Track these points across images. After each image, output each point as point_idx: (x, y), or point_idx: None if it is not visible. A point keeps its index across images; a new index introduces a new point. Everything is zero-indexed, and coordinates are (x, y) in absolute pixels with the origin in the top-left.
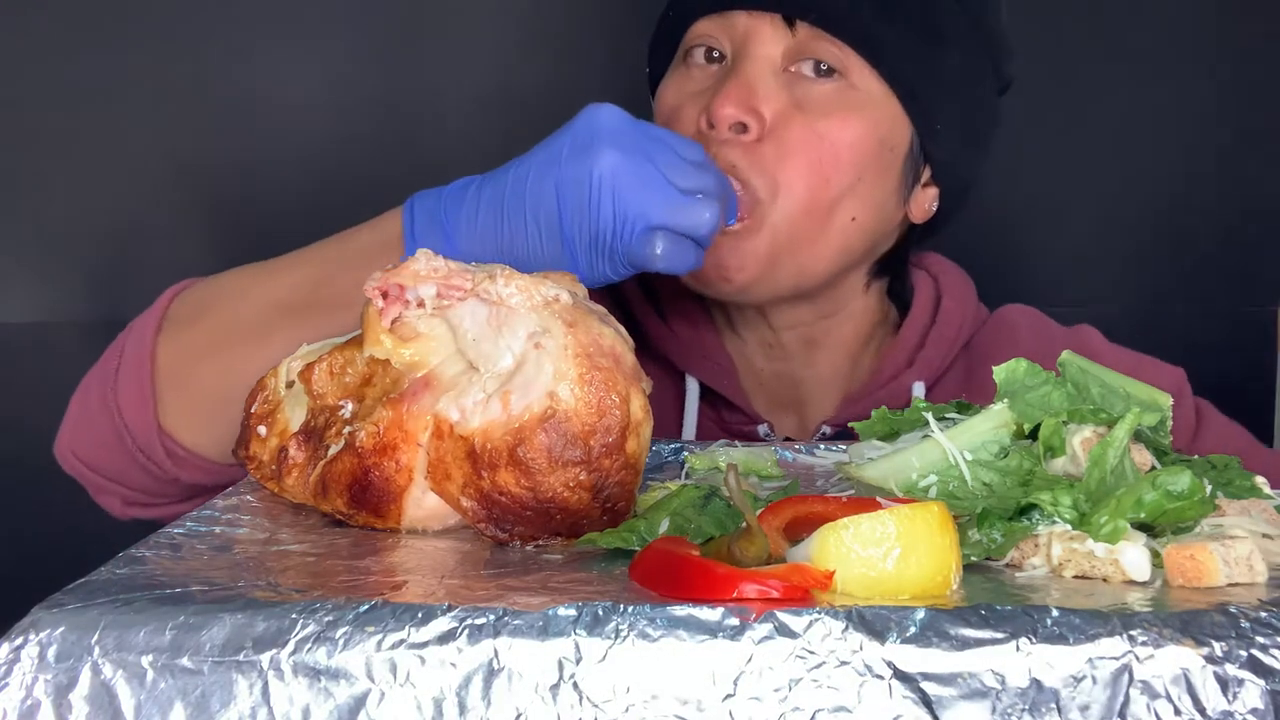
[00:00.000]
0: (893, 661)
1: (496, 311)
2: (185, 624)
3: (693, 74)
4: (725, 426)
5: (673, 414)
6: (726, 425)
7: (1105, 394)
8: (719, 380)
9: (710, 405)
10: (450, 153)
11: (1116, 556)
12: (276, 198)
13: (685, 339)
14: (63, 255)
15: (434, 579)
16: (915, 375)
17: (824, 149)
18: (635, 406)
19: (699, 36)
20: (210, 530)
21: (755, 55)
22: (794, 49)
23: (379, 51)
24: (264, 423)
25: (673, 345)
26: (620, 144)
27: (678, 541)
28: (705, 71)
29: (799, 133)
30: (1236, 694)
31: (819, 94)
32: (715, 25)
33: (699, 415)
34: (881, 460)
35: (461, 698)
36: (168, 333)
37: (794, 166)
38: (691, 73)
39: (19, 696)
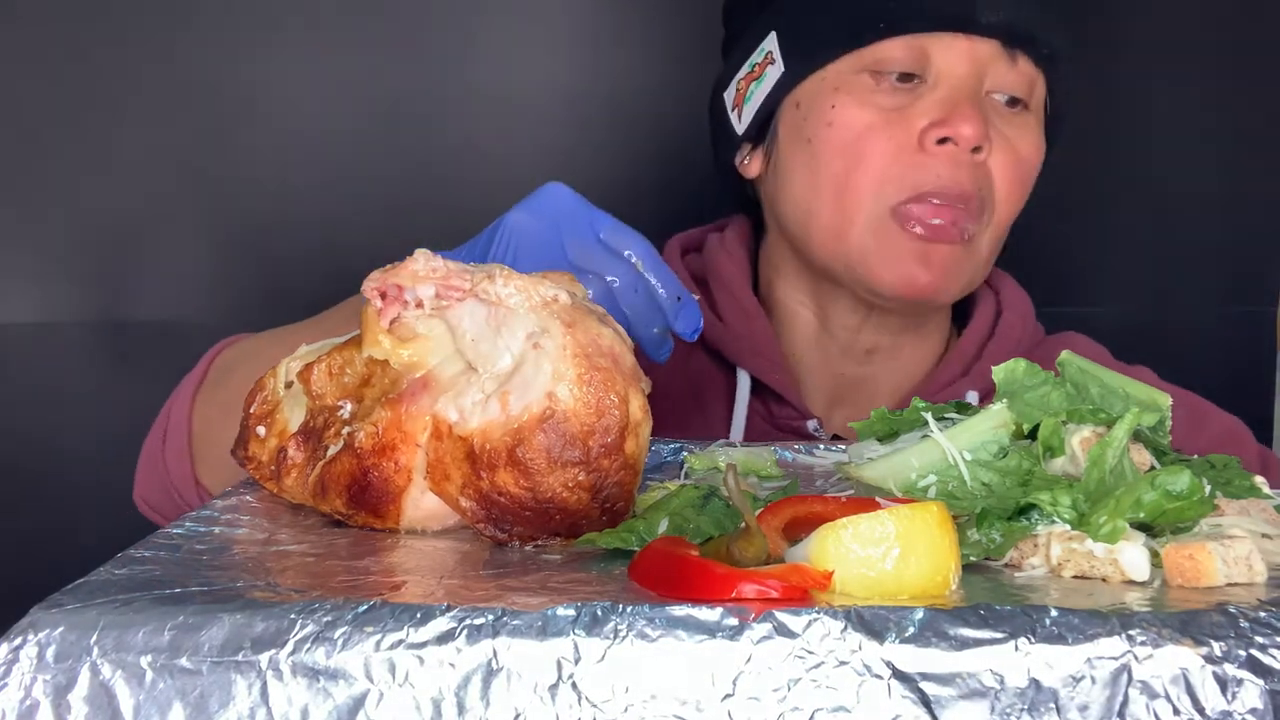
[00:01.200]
0: (892, 661)
1: (495, 312)
2: (184, 624)
3: (883, 89)
4: (774, 421)
5: (721, 407)
6: (775, 420)
7: (1104, 394)
8: (772, 374)
9: (760, 399)
10: (454, 154)
11: (1115, 556)
12: (277, 198)
13: (739, 332)
14: (63, 255)
15: (433, 579)
16: (970, 384)
17: (1026, 174)
18: (634, 407)
19: (901, 57)
20: (209, 530)
21: (975, 78)
22: (1002, 77)
23: (382, 51)
24: (263, 423)
25: (726, 338)
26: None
27: (677, 541)
28: (897, 88)
29: (1010, 158)
30: (1235, 694)
31: (1011, 118)
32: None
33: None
34: (881, 460)
35: (460, 698)
36: (203, 392)
37: (1008, 187)
38: (882, 88)
39: (18, 697)
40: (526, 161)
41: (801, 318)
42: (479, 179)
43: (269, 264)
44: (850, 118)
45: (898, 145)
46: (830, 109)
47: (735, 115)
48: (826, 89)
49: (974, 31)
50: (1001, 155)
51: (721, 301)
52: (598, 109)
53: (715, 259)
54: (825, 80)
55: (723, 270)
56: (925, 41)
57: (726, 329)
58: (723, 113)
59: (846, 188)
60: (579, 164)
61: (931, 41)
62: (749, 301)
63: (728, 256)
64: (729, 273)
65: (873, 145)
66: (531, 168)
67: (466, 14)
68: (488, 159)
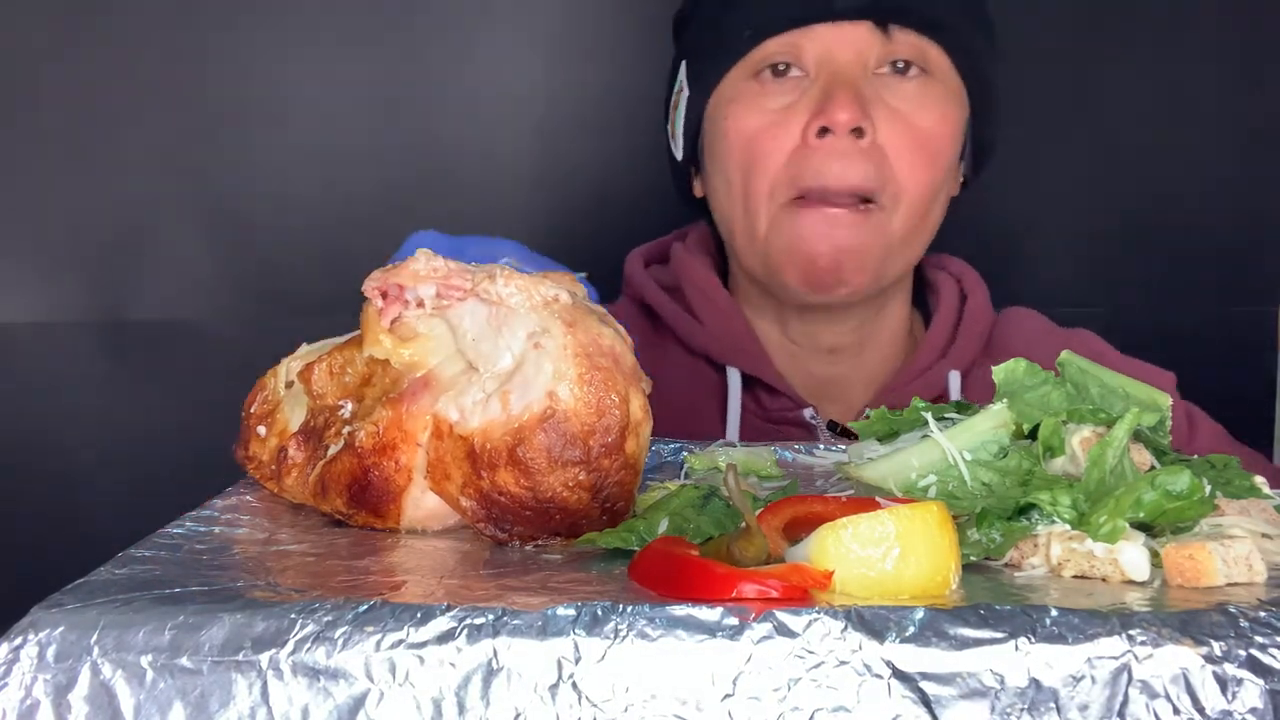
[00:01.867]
0: (892, 661)
1: (496, 311)
2: (184, 624)
3: (768, 91)
4: (768, 415)
5: (713, 407)
6: (769, 413)
7: (1104, 394)
8: (761, 368)
9: (750, 395)
10: (453, 154)
11: (1115, 556)
12: (277, 198)
13: (720, 332)
14: (63, 255)
15: (433, 579)
16: (950, 365)
17: (931, 144)
18: (635, 406)
19: (774, 53)
20: (210, 530)
21: (853, 62)
22: (883, 52)
23: (383, 52)
24: (263, 423)
25: (709, 341)
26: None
27: (677, 541)
28: (781, 87)
29: (905, 133)
30: (1235, 693)
31: (908, 91)
32: (793, 40)
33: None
34: (881, 460)
35: (460, 697)
36: None
37: (909, 166)
38: (766, 90)
39: (18, 696)
40: (526, 162)
41: (765, 329)
42: (479, 179)
43: (269, 264)
44: (741, 124)
45: (784, 143)
46: (725, 120)
47: (674, 144)
48: (722, 103)
49: (836, 19)
50: (892, 130)
51: (697, 305)
52: (598, 109)
53: (684, 265)
54: (721, 96)
55: (694, 275)
56: (795, 38)
57: (707, 330)
58: (668, 143)
59: (748, 194)
60: (579, 164)
61: (801, 36)
62: (725, 301)
63: (695, 260)
64: (700, 276)
65: (763, 147)
66: (531, 168)
67: (466, 15)
68: (487, 159)
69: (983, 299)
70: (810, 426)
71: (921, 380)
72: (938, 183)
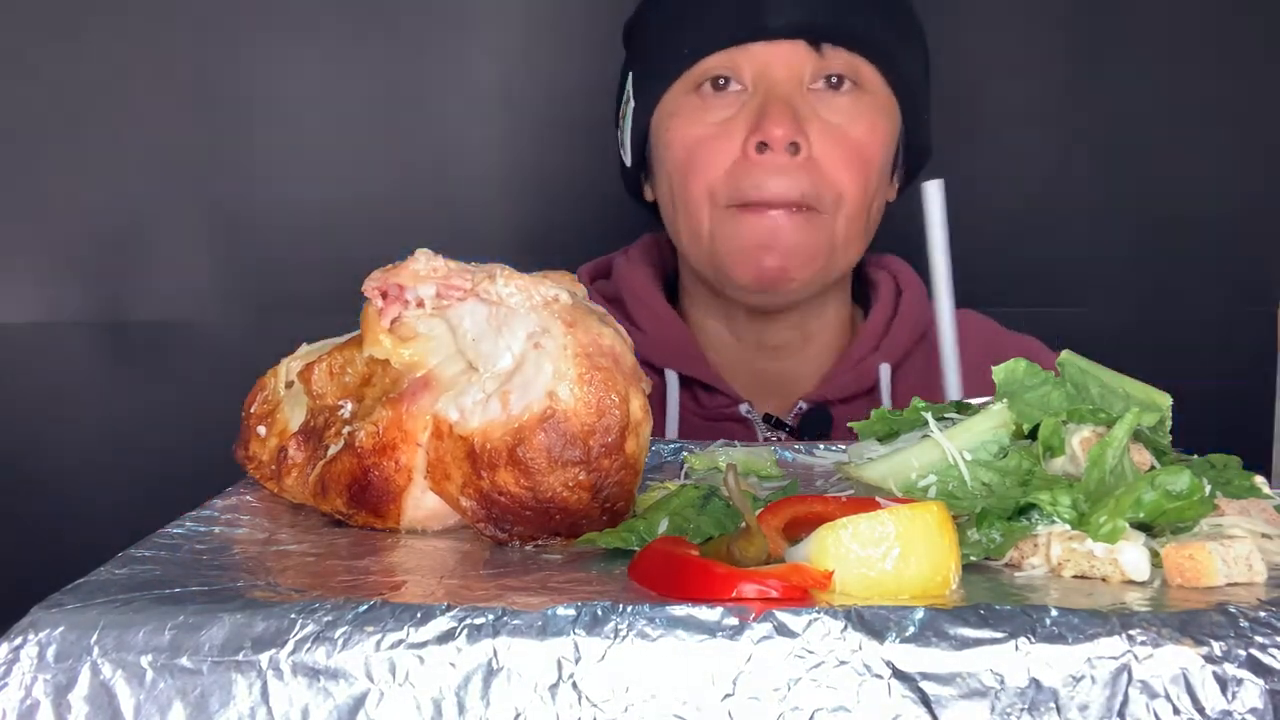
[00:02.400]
0: (892, 661)
1: (496, 311)
2: (184, 624)
3: (709, 105)
4: (706, 413)
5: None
6: (707, 411)
7: (1104, 394)
8: (697, 369)
9: (689, 394)
10: (454, 154)
11: (1115, 556)
12: (277, 198)
13: (658, 338)
14: (63, 255)
15: (433, 579)
16: (882, 357)
17: (863, 154)
18: (635, 406)
19: (714, 69)
20: (210, 530)
21: (788, 79)
22: (817, 68)
23: (382, 51)
24: (263, 423)
25: (648, 346)
26: None
27: (677, 541)
28: (722, 101)
29: (839, 144)
30: (1235, 693)
31: (841, 105)
32: (731, 57)
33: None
34: (881, 460)
35: (460, 697)
36: None
37: (844, 176)
38: (707, 104)
39: (18, 696)
40: (526, 162)
41: (712, 328)
42: (479, 179)
43: (269, 264)
44: (682, 135)
45: (723, 155)
46: (668, 131)
47: (623, 150)
48: (665, 115)
49: (770, 36)
50: (826, 142)
51: (636, 313)
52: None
53: (624, 276)
54: (664, 108)
55: (633, 285)
56: (733, 55)
57: (646, 336)
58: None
59: (688, 199)
60: (579, 164)
61: (738, 54)
62: (661, 308)
63: (635, 271)
64: (638, 285)
65: (702, 158)
66: (531, 168)
67: (466, 15)
68: (487, 159)
69: (916, 296)
70: (747, 421)
71: (855, 371)
72: (871, 190)
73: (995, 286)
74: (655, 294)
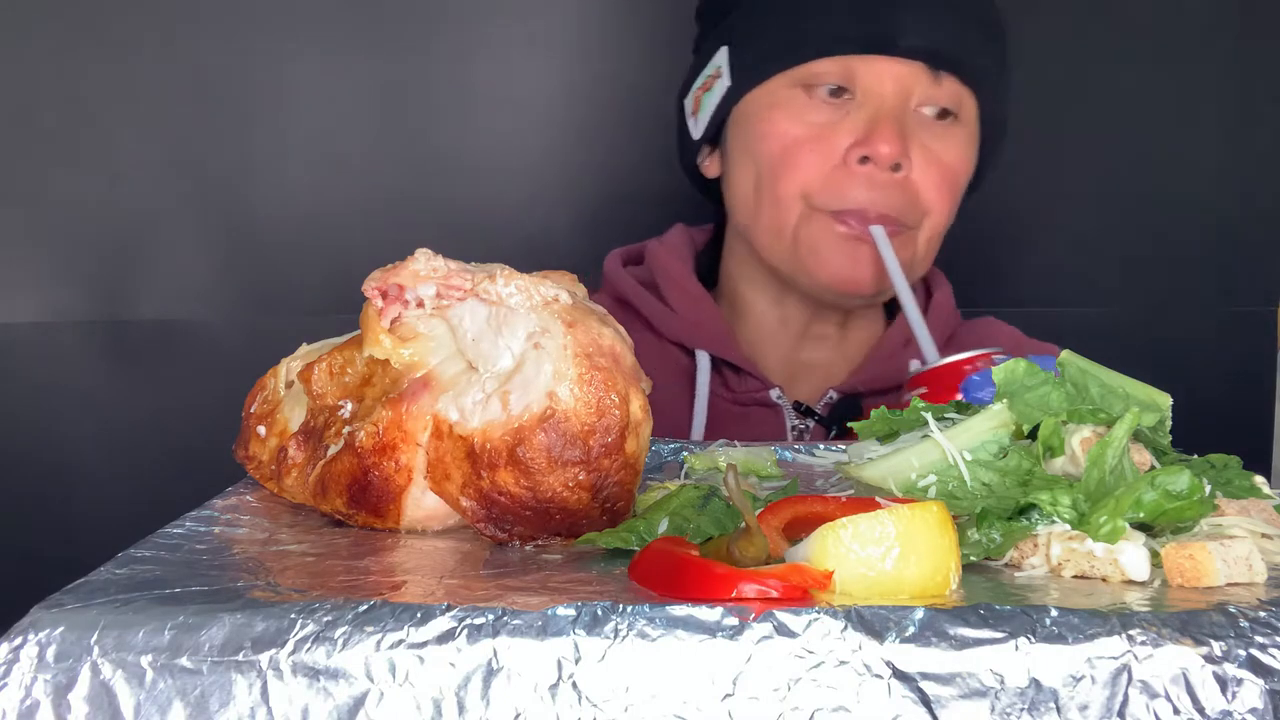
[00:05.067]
0: (891, 661)
1: (496, 311)
2: (184, 624)
3: (814, 105)
4: (736, 397)
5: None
6: (737, 395)
7: (1104, 394)
8: (728, 351)
9: (719, 377)
10: (454, 154)
11: (1115, 556)
12: (278, 198)
13: (691, 320)
14: (63, 255)
15: (433, 579)
16: (910, 354)
17: (953, 182)
18: (634, 406)
19: (829, 74)
20: (210, 530)
21: (898, 96)
22: (928, 94)
23: (383, 51)
24: (263, 423)
25: (681, 327)
26: None
27: (677, 541)
28: (828, 105)
29: (935, 170)
30: (1235, 693)
31: (940, 133)
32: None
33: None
34: (881, 460)
35: (460, 697)
36: None
37: (935, 199)
38: (814, 104)
39: (18, 696)
40: (526, 162)
41: (758, 309)
42: (479, 179)
43: (269, 264)
44: (782, 130)
45: (823, 159)
46: (766, 122)
47: (693, 121)
48: (764, 103)
49: (896, 54)
50: (925, 168)
51: (670, 295)
52: (598, 110)
53: (659, 259)
54: (764, 95)
55: (668, 267)
56: (852, 62)
57: (679, 318)
58: (683, 118)
59: (779, 196)
60: (579, 165)
61: (858, 62)
62: (696, 290)
63: (671, 254)
64: (674, 268)
65: (801, 158)
66: (531, 168)
67: (467, 14)
68: (488, 159)
69: (947, 297)
70: (776, 407)
71: (886, 365)
72: (953, 214)
73: (994, 287)
74: (690, 276)
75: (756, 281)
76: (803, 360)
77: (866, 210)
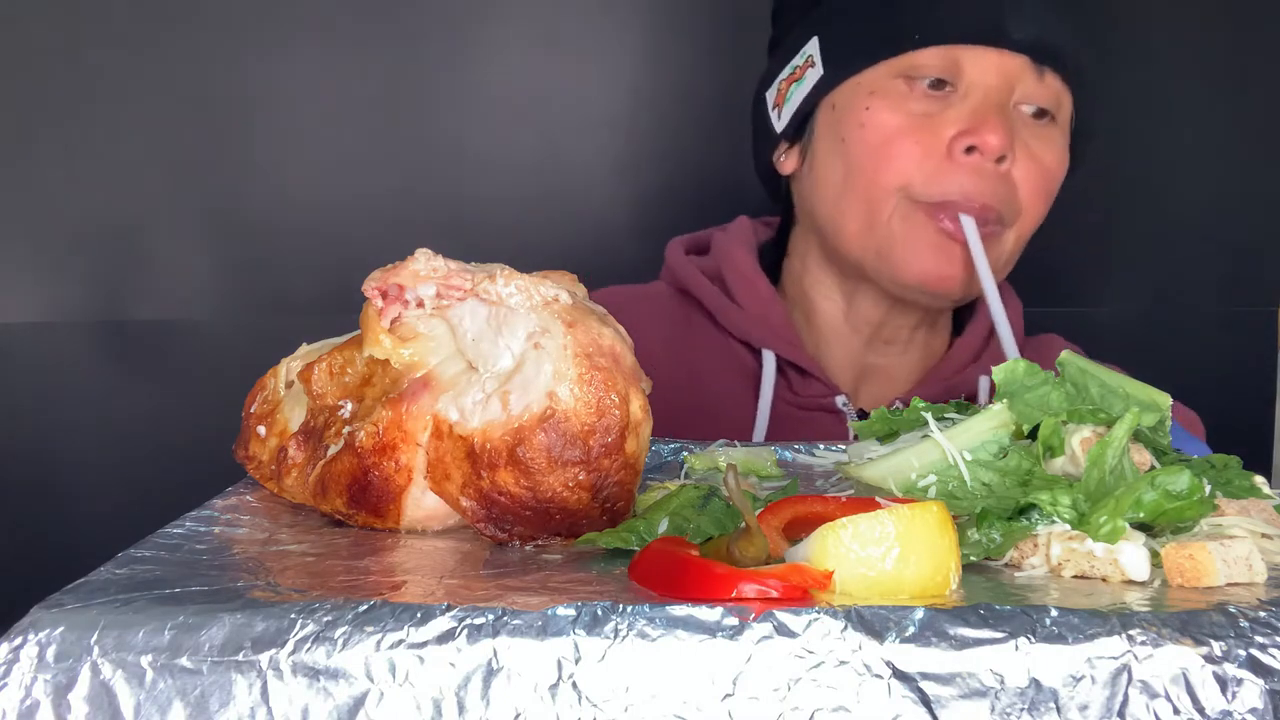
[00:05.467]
0: (892, 661)
1: (496, 311)
2: (184, 624)
3: (916, 95)
4: (799, 400)
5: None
6: (800, 398)
7: (1104, 394)
8: (794, 353)
9: (784, 379)
10: (453, 154)
11: (1115, 556)
12: (278, 198)
13: (758, 318)
14: (63, 255)
15: (433, 579)
16: (979, 370)
17: (1049, 183)
18: (634, 406)
19: (934, 64)
20: (210, 530)
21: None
22: (1030, 91)
23: (383, 52)
24: (263, 423)
25: (748, 324)
26: None
27: (677, 541)
28: (930, 95)
29: (1033, 168)
30: (1235, 693)
31: (1039, 132)
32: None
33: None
34: (881, 460)
35: (460, 697)
36: None
37: (1031, 196)
38: (915, 94)
39: (18, 696)
40: (526, 161)
41: (826, 309)
42: (479, 179)
43: (269, 264)
44: (882, 120)
45: (925, 150)
46: (864, 111)
47: (775, 114)
48: (862, 92)
49: (1004, 45)
50: (1026, 165)
51: (737, 290)
52: (598, 110)
53: (728, 252)
54: (861, 84)
55: (735, 261)
56: (958, 52)
57: (745, 314)
58: (764, 111)
59: (875, 185)
60: (578, 165)
61: (963, 53)
62: (764, 287)
63: (739, 248)
64: (743, 262)
65: (902, 148)
66: (531, 168)
67: (467, 15)
68: (488, 159)
69: (1016, 313)
70: (840, 414)
71: (956, 379)
72: (1043, 218)
73: None
74: (758, 272)
75: (825, 283)
76: (870, 364)
77: (970, 198)
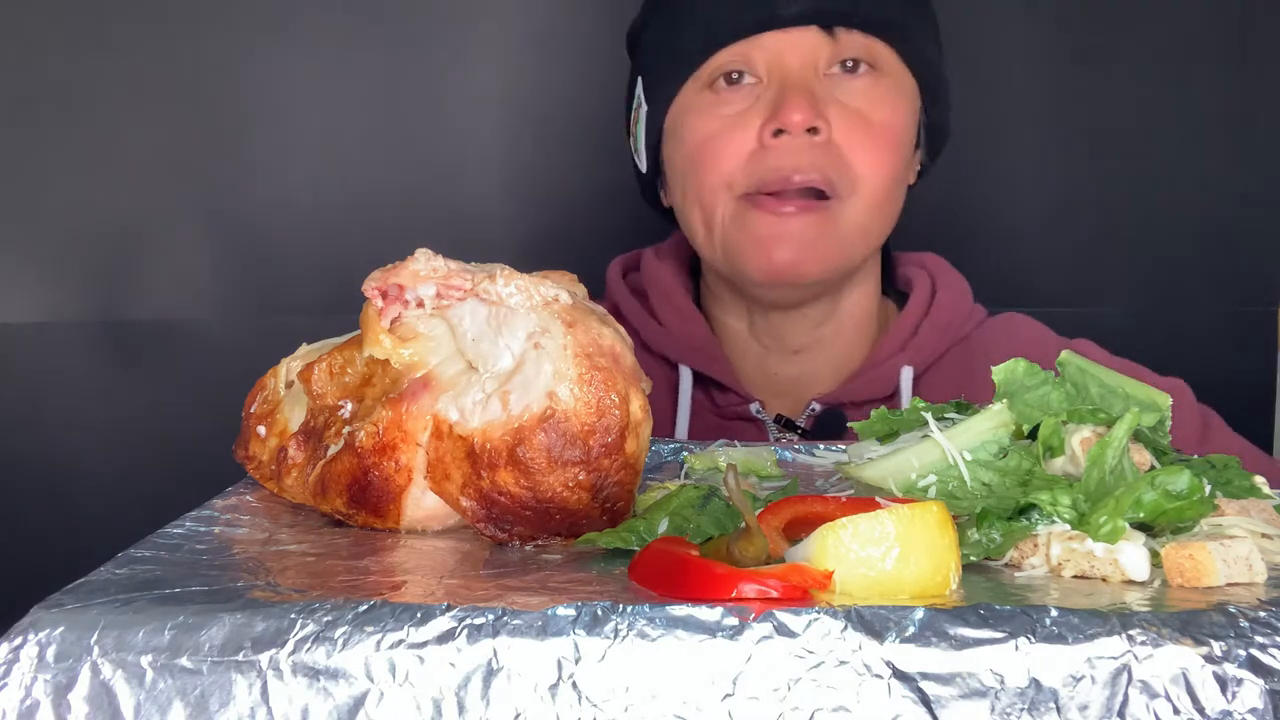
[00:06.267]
0: (891, 661)
1: (496, 311)
2: (184, 624)
3: (723, 99)
4: (719, 411)
5: (667, 402)
6: (720, 409)
7: (1104, 394)
8: (712, 367)
9: (703, 391)
10: (453, 155)
11: (1115, 556)
12: (278, 198)
13: (677, 333)
14: (63, 255)
15: (433, 579)
16: (905, 360)
17: (886, 138)
18: (634, 406)
19: (726, 64)
20: (210, 530)
21: (803, 66)
22: (832, 53)
23: (383, 52)
24: (263, 423)
25: (667, 341)
26: None
27: (677, 541)
28: (736, 94)
29: (860, 128)
30: (1235, 693)
31: (859, 88)
32: (743, 49)
33: (692, 401)
34: (881, 460)
35: (460, 697)
36: None
37: (866, 160)
38: (721, 98)
39: (18, 696)
40: (526, 162)
41: (732, 329)
42: (479, 179)
43: (269, 264)
44: (697, 128)
45: (739, 145)
46: (682, 129)
47: (637, 157)
48: (679, 114)
49: (781, 25)
50: (846, 127)
51: (659, 308)
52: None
53: (651, 271)
54: (677, 106)
55: (658, 279)
56: (744, 48)
57: (665, 331)
58: (632, 158)
59: (703, 188)
60: (579, 165)
61: (750, 45)
62: (684, 304)
63: (662, 267)
64: (664, 281)
65: (718, 150)
66: (531, 168)
67: (466, 16)
68: (487, 159)
69: (953, 297)
70: (759, 421)
71: (876, 373)
72: (896, 173)
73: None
74: (679, 290)
75: (724, 299)
76: (785, 374)
77: (786, 177)
